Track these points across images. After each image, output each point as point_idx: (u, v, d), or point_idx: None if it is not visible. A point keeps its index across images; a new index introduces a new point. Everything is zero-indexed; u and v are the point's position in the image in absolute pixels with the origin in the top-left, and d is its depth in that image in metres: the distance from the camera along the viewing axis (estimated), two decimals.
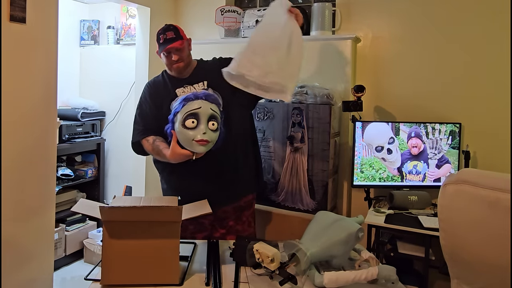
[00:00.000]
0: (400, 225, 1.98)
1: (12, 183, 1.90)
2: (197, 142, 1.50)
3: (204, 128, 1.50)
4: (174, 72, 1.81)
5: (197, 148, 1.52)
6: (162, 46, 1.75)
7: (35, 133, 2.01)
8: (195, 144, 1.51)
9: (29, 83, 1.96)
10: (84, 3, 3.60)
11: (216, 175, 1.77)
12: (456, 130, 2.25)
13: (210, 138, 1.51)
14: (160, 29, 1.78)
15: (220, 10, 2.79)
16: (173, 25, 1.79)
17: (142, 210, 1.28)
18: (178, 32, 1.76)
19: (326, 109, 2.21)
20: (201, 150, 1.53)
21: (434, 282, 2.32)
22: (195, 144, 1.51)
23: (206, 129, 1.51)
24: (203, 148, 1.52)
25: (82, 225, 3.16)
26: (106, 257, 1.25)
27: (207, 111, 1.52)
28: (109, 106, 3.45)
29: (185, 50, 1.78)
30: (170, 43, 1.72)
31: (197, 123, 1.50)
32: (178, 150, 1.55)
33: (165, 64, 1.81)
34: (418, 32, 2.40)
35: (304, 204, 2.28)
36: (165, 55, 1.77)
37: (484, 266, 0.99)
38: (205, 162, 1.64)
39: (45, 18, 2.00)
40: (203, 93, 1.59)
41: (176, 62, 1.75)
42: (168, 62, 1.78)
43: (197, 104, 1.52)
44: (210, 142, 1.52)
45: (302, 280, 1.27)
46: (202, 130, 1.50)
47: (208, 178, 1.76)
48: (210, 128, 1.52)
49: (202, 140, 1.49)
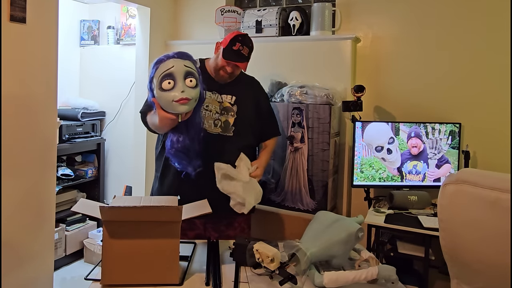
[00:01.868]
0: (400, 225, 1.98)
1: (12, 183, 1.90)
2: (177, 102, 1.44)
3: (182, 86, 1.44)
4: (215, 75, 1.79)
5: (179, 108, 1.45)
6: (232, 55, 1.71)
7: (35, 133, 2.01)
8: (176, 105, 1.44)
9: (29, 83, 1.96)
10: (84, 3, 3.60)
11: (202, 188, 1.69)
12: (456, 130, 2.25)
13: (190, 96, 1.45)
14: (242, 35, 1.75)
15: (220, 10, 2.79)
16: (252, 42, 1.79)
17: (142, 210, 1.28)
18: (250, 53, 1.77)
19: (326, 109, 2.21)
20: (184, 110, 1.46)
21: (434, 282, 2.32)
22: (176, 105, 1.44)
23: (184, 87, 1.44)
24: (185, 107, 1.46)
25: (82, 225, 3.17)
26: (106, 257, 1.25)
27: (181, 69, 1.46)
28: (109, 106, 3.45)
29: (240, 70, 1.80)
30: (240, 61, 1.73)
31: (174, 82, 1.44)
32: (163, 113, 1.48)
33: (216, 63, 1.77)
34: (418, 32, 2.40)
35: (304, 204, 2.28)
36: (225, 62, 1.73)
37: (484, 266, 0.99)
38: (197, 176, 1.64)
39: (45, 18, 2.00)
40: (174, 52, 1.52)
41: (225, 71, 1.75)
42: (219, 66, 1.75)
43: (170, 63, 1.46)
44: (191, 99, 1.46)
45: (302, 280, 1.27)
46: (180, 89, 1.43)
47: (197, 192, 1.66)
48: (188, 85, 1.45)
49: (181, 99, 1.43)
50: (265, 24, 2.63)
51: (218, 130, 1.77)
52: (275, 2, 2.98)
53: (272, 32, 2.62)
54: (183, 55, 1.50)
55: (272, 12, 2.62)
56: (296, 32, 2.62)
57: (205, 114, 1.77)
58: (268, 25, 2.63)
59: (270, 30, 2.62)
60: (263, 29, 2.64)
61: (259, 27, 2.65)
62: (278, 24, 2.60)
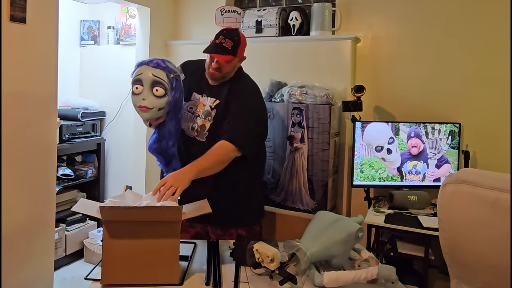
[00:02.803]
0: (400, 225, 1.98)
1: (13, 183, 1.90)
2: (139, 108, 1.52)
3: (145, 94, 1.50)
4: (207, 73, 1.75)
5: (141, 114, 1.54)
6: (211, 48, 1.65)
7: (35, 133, 2.01)
8: (138, 110, 1.53)
9: (29, 83, 1.96)
10: (84, 3, 3.60)
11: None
12: (455, 130, 2.25)
13: (151, 105, 1.50)
14: (228, 29, 1.70)
15: (220, 10, 2.79)
16: (240, 35, 1.68)
17: (142, 210, 1.28)
18: (237, 47, 1.65)
19: (326, 109, 2.21)
20: (144, 116, 1.54)
21: (434, 282, 2.32)
22: (138, 110, 1.53)
23: (147, 95, 1.50)
24: (145, 114, 1.52)
25: (82, 225, 3.17)
26: (106, 257, 1.25)
27: (149, 77, 1.51)
28: (109, 106, 3.45)
29: (229, 67, 1.69)
30: (218, 53, 1.63)
31: (142, 88, 1.51)
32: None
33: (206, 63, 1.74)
34: (418, 32, 2.40)
35: (304, 204, 2.28)
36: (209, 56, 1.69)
37: (484, 266, 0.99)
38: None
39: (45, 18, 2.00)
40: (151, 59, 1.57)
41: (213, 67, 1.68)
42: (207, 62, 1.71)
43: (141, 70, 1.53)
44: (152, 108, 1.51)
45: (302, 280, 1.27)
46: (142, 96, 1.51)
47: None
48: (155, 94, 1.50)
49: (141, 106, 1.51)
50: (265, 24, 2.63)
51: (194, 133, 1.76)
52: (275, 2, 2.98)
53: (272, 32, 2.62)
54: (156, 64, 1.54)
55: (272, 12, 2.62)
56: (296, 32, 2.62)
57: (187, 115, 1.77)
58: (268, 25, 2.63)
59: (270, 30, 2.63)
60: (263, 29, 2.64)
61: (259, 27, 2.65)
62: (278, 24, 2.60)
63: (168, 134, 1.64)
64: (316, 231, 1.38)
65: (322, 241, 1.32)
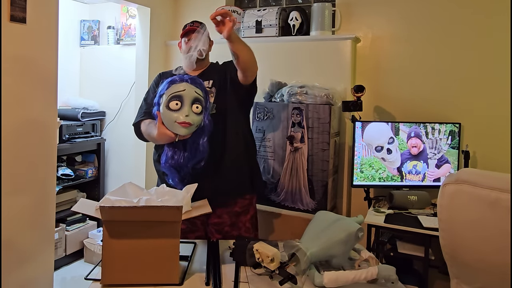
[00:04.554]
0: (400, 225, 1.98)
1: (13, 183, 1.90)
2: (180, 124, 1.52)
3: (187, 111, 1.52)
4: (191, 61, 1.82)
5: (179, 130, 1.54)
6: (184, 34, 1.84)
7: (35, 133, 2.01)
8: (177, 126, 1.53)
9: (29, 83, 1.96)
10: (84, 3, 3.60)
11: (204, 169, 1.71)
12: (455, 130, 2.25)
13: (192, 121, 1.53)
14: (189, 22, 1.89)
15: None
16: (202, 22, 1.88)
17: (142, 210, 1.28)
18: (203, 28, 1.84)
19: (326, 109, 2.21)
20: (183, 132, 1.55)
21: (434, 282, 2.32)
22: (177, 126, 1.53)
23: (189, 112, 1.52)
24: (185, 130, 1.54)
25: (82, 225, 3.17)
26: (106, 257, 1.25)
27: (191, 94, 1.54)
28: (109, 106, 3.45)
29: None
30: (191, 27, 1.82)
31: (181, 105, 1.53)
32: (163, 129, 1.56)
33: (185, 55, 1.84)
34: (418, 32, 2.40)
35: (304, 204, 2.28)
36: (186, 41, 1.83)
37: (484, 266, 0.99)
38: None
39: (45, 18, 2.00)
40: (189, 76, 1.61)
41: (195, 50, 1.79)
42: (186, 48, 1.82)
43: (182, 86, 1.55)
44: (193, 125, 1.54)
45: (302, 280, 1.27)
46: (185, 113, 1.52)
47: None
48: (194, 111, 1.54)
49: (184, 123, 1.52)
50: (265, 24, 2.63)
51: None
52: (275, 2, 2.98)
53: (272, 32, 2.62)
54: (196, 82, 1.59)
55: (272, 12, 2.62)
56: (296, 32, 2.62)
57: None
58: (268, 25, 2.63)
59: (270, 30, 2.63)
60: (263, 29, 2.64)
61: (259, 27, 2.65)
62: (278, 24, 2.60)
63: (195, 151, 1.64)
64: (316, 231, 1.38)
65: (322, 241, 1.32)
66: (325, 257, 1.34)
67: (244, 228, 1.86)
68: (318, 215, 1.49)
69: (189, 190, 1.48)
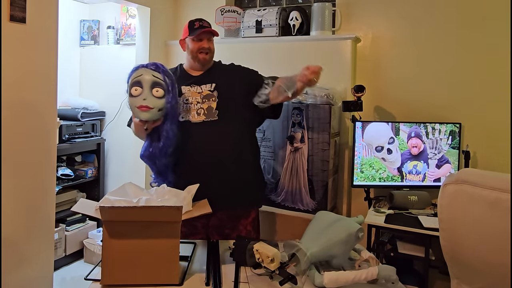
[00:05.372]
0: (400, 225, 1.98)
1: (12, 183, 1.90)
2: (139, 108, 1.54)
3: (145, 94, 1.53)
4: (197, 61, 1.80)
5: (140, 115, 1.55)
6: (196, 31, 1.76)
7: (35, 133, 2.01)
8: (138, 111, 1.55)
9: (29, 83, 1.96)
10: (84, 3, 3.60)
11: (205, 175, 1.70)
12: (456, 130, 2.25)
13: (152, 105, 1.53)
14: (194, 19, 1.82)
15: (220, 10, 2.79)
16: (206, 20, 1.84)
17: (142, 210, 1.28)
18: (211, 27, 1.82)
19: (326, 109, 2.21)
20: (144, 117, 1.55)
21: (434, 282, 2.32)
22: (138, 111, 1.55)
23: (148, 95, 1.53)
24: (145, 114, 1.54)
25: (82, 225, 3.16)
26: (106, 257, 1.25)
27: (149, 78, 1.55)
28: (109, 106, 3.44)
29: (213, 45, 1.83)
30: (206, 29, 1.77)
31: (141, 90, 1.54)
32: (134, 119, 1.60)
33: (190, 51, 1.81)
34: (418, 32, 2.40)
35: (304, 204, 2.28)
36: (195, 40, 1.78)
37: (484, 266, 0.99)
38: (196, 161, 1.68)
39: (45, 18, 2.00)
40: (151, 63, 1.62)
41: (203, 51, 1.77)
42: (196, 48, 1.78)
43: (140, 72, 1.57)
44: (153, 108, 1.54)
45: (302, 280, 1.27)
46: (143, 96, 1.53)
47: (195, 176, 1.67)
48: (155, 94, 1.54)
49: (142, 106, 1.53)
50: (265, 24, 2.63)
51: (202, 118, 1.76)
52: (275, 2, 2.98)
53: (272, 32, 2.62)
54: (155, 67, 1.59)
55: (272, 12, 2.62)
56: (296, 32, 2.62)
57: (186, 107, 1.78)
58: (268, 25, 2.63)
59: (270, 30, 2.62)
60: (263, 29, 2.64)
61: (259, 27, 2.65)
62: (278, 24, 2.60)
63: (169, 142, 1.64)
64: (316, 231, 1.38)
65: (322, 241, 1.32)
66: (325, 257, 1.34)
67: (245, 231, 1.85)
68: (318, 215, 1.49)
69: (190, 191, 1.48)
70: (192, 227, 1.77)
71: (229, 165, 1.75)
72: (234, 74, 1.86)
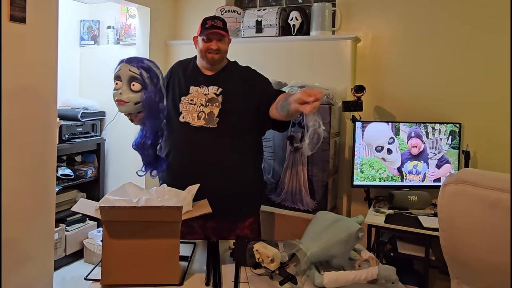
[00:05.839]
0: (400, 225, 1.98)
1: (12, 183, 1.90)
2: (117, 102, 1.61)
3: (123, 89, 1.59)
4: (205, 61, 1.77)
5: (119, 108, 1.63)
6: (207, 30, 1.73)
7: (35, 133, 2.01)
8: (116, 104, 1.62)
9: (29, 83, 1.96)
10: (84, 3, 3.60)
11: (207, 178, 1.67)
12: (456, 130, 2.25)
13: (127, 99, 1.58)
14: (208, 16, 1.79)
15: (220, 10, 2.79)
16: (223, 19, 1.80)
17: (142, 210, 1.28)
18: (225, 26, 1.78)
19: (326, 109, 2.20)
20: (121, 110, 1.63)
21: (434, 282, 2.32)
22: (116, 104, 1.62)
23: (124, 90, 1.59)
24: (122, 107, 1.61)
25: (82, 225, 3.16)
26: (106, 257, 1.25)
27: (126, 73, 1.60)
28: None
29: (226, 45, 1.79)
30: (217, 29, 1.73)
31: (121, 84, 1.61)
32: None
33: (200, 50, 1.78)
34: (418, 32, 2.40)
35: (304, 204, 2.28)
36: (205, 40, 1.74)
37: (484, 266, 0.99)
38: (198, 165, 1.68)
39: (45, 18, 2.00)
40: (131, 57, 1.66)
41: (212, 52, 1.74)
42: (204, 48, 1.75)
43: (120, 67, 1.64)
44: (129, 102, 1.59)
45: (302, 280, 1.27)
46: (119, 91, 1.60)
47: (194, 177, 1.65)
48: (132, 89, 1.59)
49: (118, 100, 1.60)
50: (265, 24, 2.63)
51: (201, 122, 1.74)
52: (275, 2, 2.98)
53: (272, 32, 2.62)
54: (131, 61, 1.64)
55: (272, 12, 2.62)
56: (296, 32, 2.62)
57: (189, 107, 1.77)
58: (268, 25, 2.63)
59: (270, 30, 2.62)
60: (263, 29, 2.64)
61: (259, 27, 2.65)
62: (278, 24, 2.60)
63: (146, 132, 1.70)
64: (316, 231, 1.38)
65: (322, 241, 1.32)
66: (325, 257, 1.34)
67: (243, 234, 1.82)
68: (318, 215, 1.48)
69: (190, 191, 1.48)
70: (189, 227, 1.76)
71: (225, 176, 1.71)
72: (245, 82, 1.80)
